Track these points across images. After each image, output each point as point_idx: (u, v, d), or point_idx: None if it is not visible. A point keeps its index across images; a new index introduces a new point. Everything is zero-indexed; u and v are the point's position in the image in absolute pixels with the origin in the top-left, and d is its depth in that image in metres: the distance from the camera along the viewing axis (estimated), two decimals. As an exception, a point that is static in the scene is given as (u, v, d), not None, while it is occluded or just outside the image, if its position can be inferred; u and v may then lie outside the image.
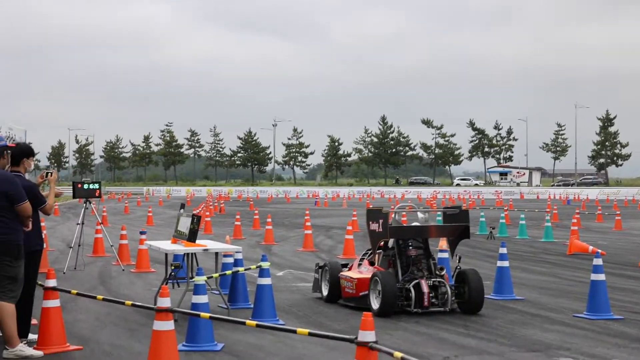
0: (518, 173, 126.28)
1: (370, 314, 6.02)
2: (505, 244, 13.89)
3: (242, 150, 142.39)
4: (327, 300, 12.71)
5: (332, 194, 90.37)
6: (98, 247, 20.30)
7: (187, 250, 11.35)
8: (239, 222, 27.41)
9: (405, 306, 11.44)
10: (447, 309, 11.60)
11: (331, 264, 13.04)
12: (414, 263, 11.94)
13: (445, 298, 11.61)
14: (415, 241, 12.18)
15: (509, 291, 13.19)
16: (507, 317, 11.35)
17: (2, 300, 8.53)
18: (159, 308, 7.47)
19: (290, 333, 9.47)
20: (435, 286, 11.67)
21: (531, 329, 10.44)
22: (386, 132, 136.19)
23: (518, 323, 10.85)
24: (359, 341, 5.93)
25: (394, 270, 11.92)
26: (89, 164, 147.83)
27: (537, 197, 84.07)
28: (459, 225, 12.30)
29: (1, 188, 8.52)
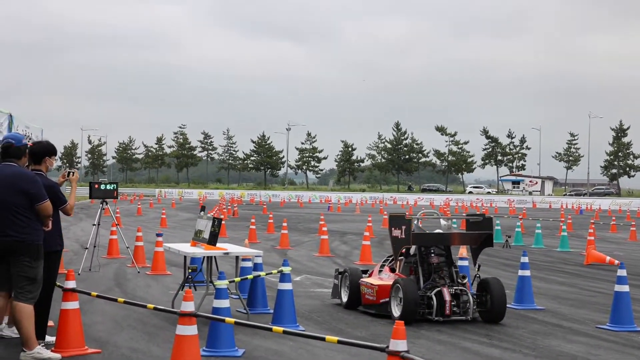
0: (530, 182, 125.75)
1: (402, 322, 5.87)
2: (527, 253, 13.66)
3: (255, 154, 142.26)
4: (346, 307, 12.57)
5: (344, 200, 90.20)
6: (113, 248, 20.21)
7: (208, 254, 11.22)
8: (254, 226, 27.28)
9: (426, 314, 11.31)
10: (469, 317, 11.47)
11: (351, 270, 12.89)
12: (435, 270, 11.79)
13: (467, 307, 11.46)
14: (438, 248, 12.05)
15: (529, 301, 13.02)
16: (530, 327, 11.18)
17: (20, 301, 8.42)
18: (182, 312, 7.34)
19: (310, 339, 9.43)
20: (457, 294, 11.52)
21: (554, 339, 10.28)
22: (400, 139, 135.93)
23: (541, 333, 10.68)
24: (390, 350, 5.79)
25: (416, 277, 11.77)
26: (101, 165, 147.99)
27: (550, 207, 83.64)
28: (483, 233, 12.13)
29: (21, 187, 8.41)
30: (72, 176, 9.75)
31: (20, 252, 8.39)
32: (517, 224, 29.57)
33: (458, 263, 13.70)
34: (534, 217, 50.76)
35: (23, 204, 8.41)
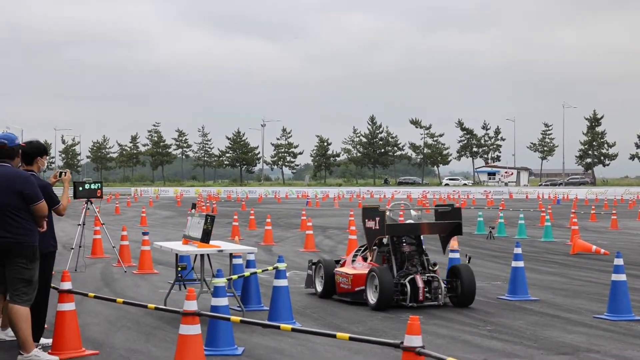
0: (506, 173, 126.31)
1: (417, 317, 5.76)
2: (520, 244, 13.60)
3: (230, 151, 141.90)
4: (321, 296, 12.98)
5: (321, 194, 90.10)
6: (97, 248, 19.99)
7: (201, 252, 11.06)
8: (236, 223, 27.10)
9: (400, 301, 11.76)
10: (440, 303, 11.99)
11: (325, 261, 13.40)
12: (408, 259, 12.29)
13: (438, 293, 12.00)
14: (409, 238, 12.56)
15: (523, 292, 12.96)
16: (527, 318, 11.12)
17: (17, 303, 8.23)
18: (186, 311, 7.19)
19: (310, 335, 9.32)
20: (428, 281, 12.05)
21: (554, 330, 10.22)
22: (375, 132, 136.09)
23: (540, 325, 10.62)
24: (406, 346, 5.69)
25: (389, 266, 12.22)
26: (75, 165, 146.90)
27: (527, 197, 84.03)
28: (452, 222, 12.70)
29: (17, 187, 8.22)
30: (65, 176, 9.56)
31: (16, 254, 8.20)
32: (501, 215, 29.58)
33: (450, 256, 13.78)
34: (513, 208, 50.97)
35: (18, 205, 8.22)
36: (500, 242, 24.81)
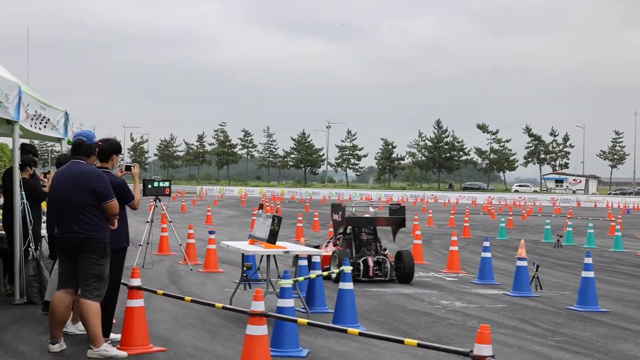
0: (574, 180, 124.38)
1: (488, 326, 5.68)
2: (591, 254, 13.33)
3: (295, 152, 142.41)
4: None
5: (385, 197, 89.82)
6: (164, 245, 20.22)
7: (267, 252, 11.08)
8: (301, 224, 27.14)
9: (356, 276, 14.74)
10: (387, 279, 15.31)
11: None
12: (365, 245, 15.73)
13: (386, 271, 15.34)
14: (367, 229, 15.98)
15: (593, 303, 12.70)
16: (597, 330, 10.89)
17: (88, 298, 8.35)
18: (253, 312, 7.20)
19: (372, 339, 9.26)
20: (379, 262, 15.43)
21: (626, 343, 9.99)
22: (440, 136, 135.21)
23: (610, 337, 10.39)
24: (475, 355, 5.61)
25: (350, 250, 15.58)
26: (143, 162, 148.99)
27: (595, 206, 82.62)
28: (399, 217, 16.21)
29: (89, 185, 8.33)
30: (134, 170, 9.64)
31: (87, 250, 8.32)
32: (569, 224, 29.08)
33: (517, 264, 13.69)
34: (581, 216, 50.16)
35: (90, 202, 8.33)
36: (568, 251, 24.40)
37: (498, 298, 13.79)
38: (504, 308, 12.66)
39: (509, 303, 13.21)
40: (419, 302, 13.15)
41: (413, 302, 13.08)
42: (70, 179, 8.40)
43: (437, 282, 15.94)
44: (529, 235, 31.91)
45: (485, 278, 15.83)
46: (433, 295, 13.98)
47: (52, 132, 13.36)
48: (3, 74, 11.64)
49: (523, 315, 11.93)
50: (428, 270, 18.05)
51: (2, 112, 10.68)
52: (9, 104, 10.82)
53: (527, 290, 14.13)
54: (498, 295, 14.10)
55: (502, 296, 14.02)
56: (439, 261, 19.95)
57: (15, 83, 11.21)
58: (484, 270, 15.94)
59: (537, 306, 12.94)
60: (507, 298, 13.79)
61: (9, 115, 10.91)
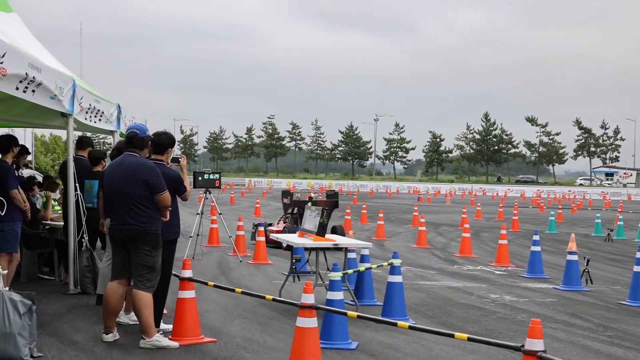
0: (625, 174, 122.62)
1: (539, 321, 5.67)
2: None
3: (342, 144, 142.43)
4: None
5: (433, 190, 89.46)
6: (213, 237, 20.40)
7: (317, 245, 11.13)
8: (349, 217, 27.17)
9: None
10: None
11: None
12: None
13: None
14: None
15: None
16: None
17: (140, 289, 8.47)
18: (303, 304, 7.25)
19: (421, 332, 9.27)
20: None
21: (678, 339, 9.87)
22: (489, 129, 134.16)
23: (663, 333, 10.28)
24: (527, 349, 5.59)
25: (297, 225, 18.95)
26: (192, 154, 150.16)
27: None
28: (333, 201, 20.19)
29: (142, 177, 8.45)
30: (182, 162, 9.75)
31: (140, 241, 8.45)
32: (620, 218, 28.71)
33: (567, 258, 13.61)
34: (632, 210, 49.45)
35: (143, 194, 8.45)
36: (619, 245, 24.11)
37: (548, 292, 13.70)
38: (554, 302, 12.57)
39: (559, 297, 13.12)
40: (468, 295, 13.12)
41: (462, 296, 13.05)
42: (123, 171, 8.53)
43: (486, 275, 15.87)
44: (579, 229, 31.57)
45: (535, 272, 15.73)
46: (482, 289, 13.93)
47: (106, 124, 13.54)
48: (57, 68, 11.83)
49: (574, 310, 11.85)
50: (477, 263, 17.98)
51: (56, 105, 10.84)
52: (64, 97, 10.98)
53: (578, 284, 14.02)
54: (548, 289, 14.01)
55: (552, 290, 13.93)
56: (488, 254, 19.84)
57: (69, 76, 11.38)
58: (534, 263, 15.84)
59: (587, 301, 12.84)
60: (557, 292, 13.69)
61: (64, 108, 11.08)
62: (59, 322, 9.77)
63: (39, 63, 9.85)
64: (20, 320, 7.43)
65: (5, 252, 10.43)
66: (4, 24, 11.13)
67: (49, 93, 10.35)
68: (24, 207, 10.89)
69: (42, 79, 9.92)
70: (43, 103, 10.35)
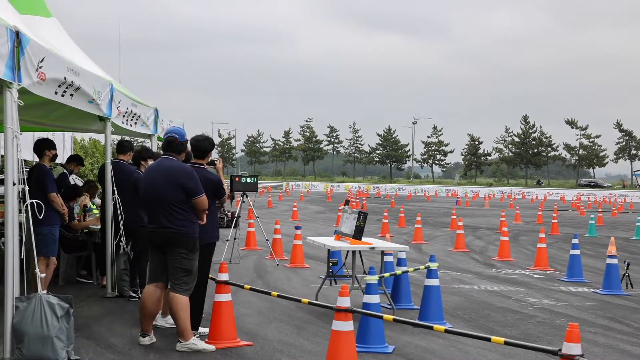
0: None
1: (577, 325, 5.59)
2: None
3: (380, 147, 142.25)
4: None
5: (471, 194, 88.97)
6: (251, 240, 20.44)
7: (353, 248, 11.10)
8: (386, 220, 27.09)
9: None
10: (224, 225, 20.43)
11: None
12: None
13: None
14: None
15: (687, 302, 12.37)
16: (691, 330, 10.60)
17: (177, 292, 8.51)
18: (339, 308, 7.23)
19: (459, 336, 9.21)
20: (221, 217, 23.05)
21: None
22: (528, 132, 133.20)
23: None
24: (564, 354, 5.52)
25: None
26: (230, 158, 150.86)
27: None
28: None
29: (179, 181, 8.49)
30: (218, 164, 9.77)
31: (177, 244, 8.48)
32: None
33: (607, 261, 13.46)
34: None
35: (180, 198, 8.49)
36: (660, 249, 23.77)
37: (587, 296, 13.54)
38: (594, 306, 12.43)
39: (599, 301, 12.97)
40: (506, 299, 13.01)
41: (500, 299, 12.94)
42: (161, 174, 8.58)
43: (524, 279, 15.73)
44: (620, 233, 31.21)
45: (574, 275, 15.56)
46: (520, 292, 13.80)
47: (143, 128, 13.62)
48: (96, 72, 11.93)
49: (613, 314, 11.69)
50: (515, 267, 17.83)
51: (95, 109, 10.92)
52: (101, 101, 11.06)
53: (618, 288, 13.85)
54: (587, 294, 13.85)
55: (591, 294, 13.76)
56: (527, 258, 19.67)
57: (107, 80, 11.46)
58: (573, 267, 15.67)
59: (628, 305, 12.67)
60: (597, 296, 13.53)
61: (102, 112, 11.16)
62: (97, 325, 9.85)
63: (77, 67, 9.93)
64: (57, 323, 7.49)
65: (44, 255, 10.52)
66: (43, 29, 11.22)
67: (87, 97, 10.43)
68: (62, 211, 11.01)
69: (81, 83, 10.00)
70: (81, 107, 10.43)
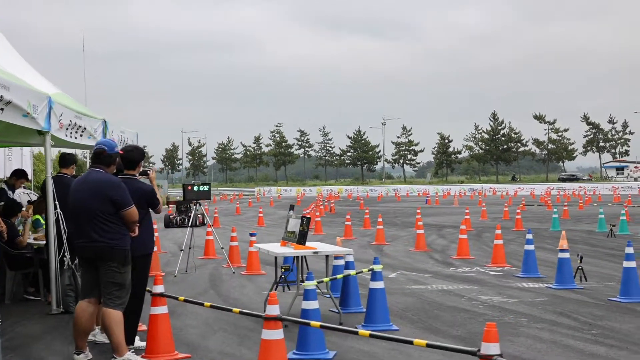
0: (635, 167, 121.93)
1: (494, 324, 5.52)
2: (632, 243, 13.03)
3: (351, 149, 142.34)
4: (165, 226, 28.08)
5: (442, 192, 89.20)
6: (209, 249, 20.29)
7: (297, 253, 11.01)
8: (349, 222, 27.03)
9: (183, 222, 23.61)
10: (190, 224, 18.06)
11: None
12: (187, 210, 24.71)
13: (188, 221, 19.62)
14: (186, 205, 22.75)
15: (636, 293, 12.37)
16: (637, 322, 10.58)
17: (109, 307, 8.34)
18: (267, 316, 7.12)
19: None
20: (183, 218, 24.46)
21: (665, 335, 9.68)
22: (497, 129, 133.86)
23: (650, 329, 10.09)
24: (482, 354, 5.44)
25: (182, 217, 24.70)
26: (201, 166, 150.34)
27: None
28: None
29: (106, 193, 8.33)
30: (151, 174, 9.65)
31: (108, 258, 8.32)
32: (622, 212, 28.45)
33: (559, 255, 13.49)
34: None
35: (109, 210, 8.32)
36: (621, 241, 23.81)
37: (540, 291, 13.52)
38: (544, 302, 12.39)
39: (550, 296, 12.95)
40: (458, 298, 12.95)
41: (452, 299, 12.88)
42: (88, 187, 8.42)
43: (480, 277, 15.70)
44: (584, 225, 31.36)
45: (530, 271, 15.55)
46: (474, 290, 13.76)
47: (89, 140, 13.40)
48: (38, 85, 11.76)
49: (562, 309, 11.67)
50: (473, 265, 17.80)
51: (30, 123, 10.74)
52: (38, 114, 10.88)
53: (570, 282, 13.84)
54: (540, 289, 13.83)
55: (544, 289, 13.75)
56: (486, 255, 19.64)
57: (44, 93, 11.28)
58: (528, 263, 15.66)
59: (579, 298, 12.66)
60: (549, 291, 13.51)
61: (39, 125, 10.98)
62: (36, 343, 9.67)
63: (6, 82, 9.77)
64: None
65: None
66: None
67: (21, 111, 10.27)
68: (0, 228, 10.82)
69: (12, 97, 9.85)
70: (15, 121, 10.27)
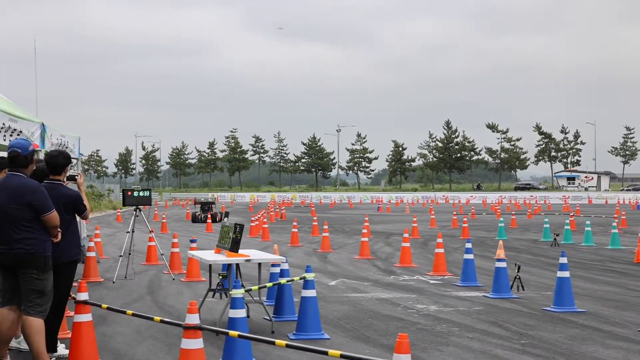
0: (586, 177, 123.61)
1: (406, 335, 5.48)
2: (565, 253, 13.14)
3: (306, 156, 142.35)
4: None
5: (395, 200, 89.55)
6: (151, 255, 20.08)
7: (230, 261, 10.91)
8: (296, 229, 26.96)
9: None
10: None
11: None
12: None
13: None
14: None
15: (569, 303, 12.46)
16: (567, 331, 10.64)
17: (30, 315, 8.15)
18: (187, 325, 7.02)
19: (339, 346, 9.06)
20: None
21: (592, 345, 9.74)
22: (451, 137, 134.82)
23: (578, 339, 10.14)
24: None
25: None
26: (155, 171, 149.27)
27: (606, 202, 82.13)
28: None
29: (26, 198, 8.12)
30: (79, 180, 9.46)
31: (27, 265, 8.12)
32: (567, 222, 28.75)
33: (496, 265, 13.55)
34: (588, 213, 49.73)
35: (28, 216, 8.11)
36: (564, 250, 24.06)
37: (476, 300, 13.56)
38: (479, 311, 12.42)
39: (486, 305, 12.98)
40: (394, 307, 12.93)
41: (388, 308, 12.86)
42: (7, 193, 8.19)
43: (420, 285, 15.71)
44: (531, 235, 31.64)
45: (469, 280, 15.60)
46: (410, 299, 13.75)
47: (25, 144, 13.21)
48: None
49: (496, 318, 11.70)
50: (414, 273, 17.82)
51: (-41, 126, 10.55)
52: (-34, 118, 10.70)
53: (507, 291, 13.90)
54: (477, 298, 13.87)
55: (481, 298, 13.79)
56: (429, 263, 19.69)
57: (-27, 97, 11.08)
58: (467, 272, 15.71)
59: (513, 308, 12.71)
60: (486, 300, 13.55)
61: (-33, 129, 10.78)
62: (-43, 350, 9.44)
63: None
64: None
65: None
66: None
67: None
68: None
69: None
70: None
